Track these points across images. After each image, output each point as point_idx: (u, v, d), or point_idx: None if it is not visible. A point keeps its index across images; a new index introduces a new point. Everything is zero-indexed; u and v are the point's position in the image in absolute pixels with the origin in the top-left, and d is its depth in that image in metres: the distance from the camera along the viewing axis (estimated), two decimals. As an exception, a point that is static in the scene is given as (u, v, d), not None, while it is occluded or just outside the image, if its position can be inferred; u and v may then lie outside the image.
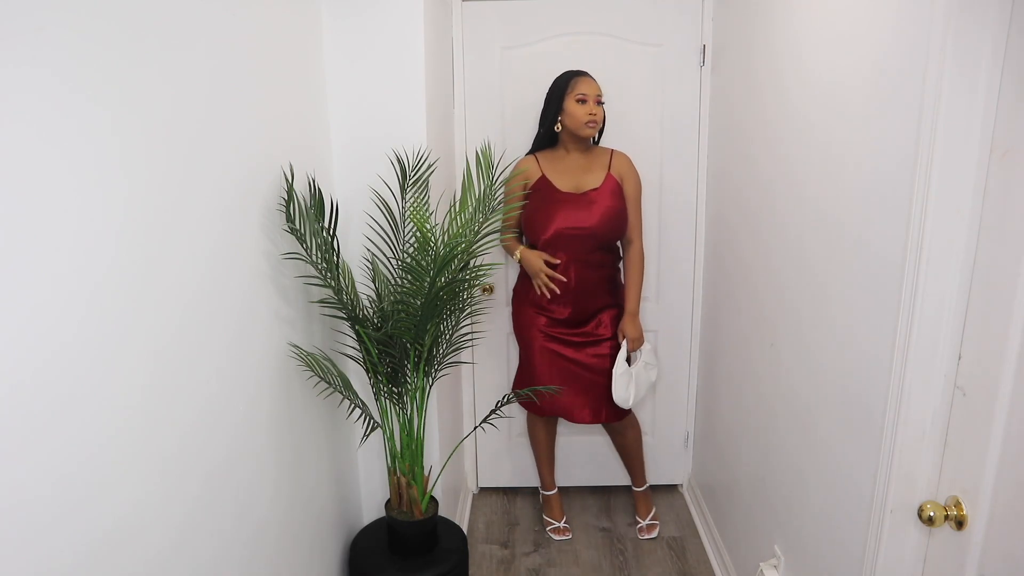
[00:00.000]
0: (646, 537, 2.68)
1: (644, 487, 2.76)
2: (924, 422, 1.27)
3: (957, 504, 1.20)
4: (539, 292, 2.36)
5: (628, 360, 2.42)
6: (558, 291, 2.34)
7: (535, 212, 2.35)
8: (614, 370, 2.38)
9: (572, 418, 2.50)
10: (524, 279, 2.50)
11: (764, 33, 2.02)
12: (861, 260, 1.44)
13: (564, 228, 2.32)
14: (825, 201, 1.61)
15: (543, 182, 2.35)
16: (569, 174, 2.37)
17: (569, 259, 2.35)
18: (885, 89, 1.34)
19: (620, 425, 2.58)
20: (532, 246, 2.41)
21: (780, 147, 1.89)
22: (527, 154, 2.46)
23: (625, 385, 2.39)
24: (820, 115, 1.63)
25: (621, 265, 2.53)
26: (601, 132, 2.43)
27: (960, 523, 1.19)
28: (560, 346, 2.45)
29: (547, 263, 2.34)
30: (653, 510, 2.76)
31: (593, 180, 2.37)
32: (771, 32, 1.96)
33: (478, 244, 1.81)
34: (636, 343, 2.40)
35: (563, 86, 2.31)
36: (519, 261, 2.39)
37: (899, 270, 1.27)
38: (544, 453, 2.72)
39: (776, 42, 1.92)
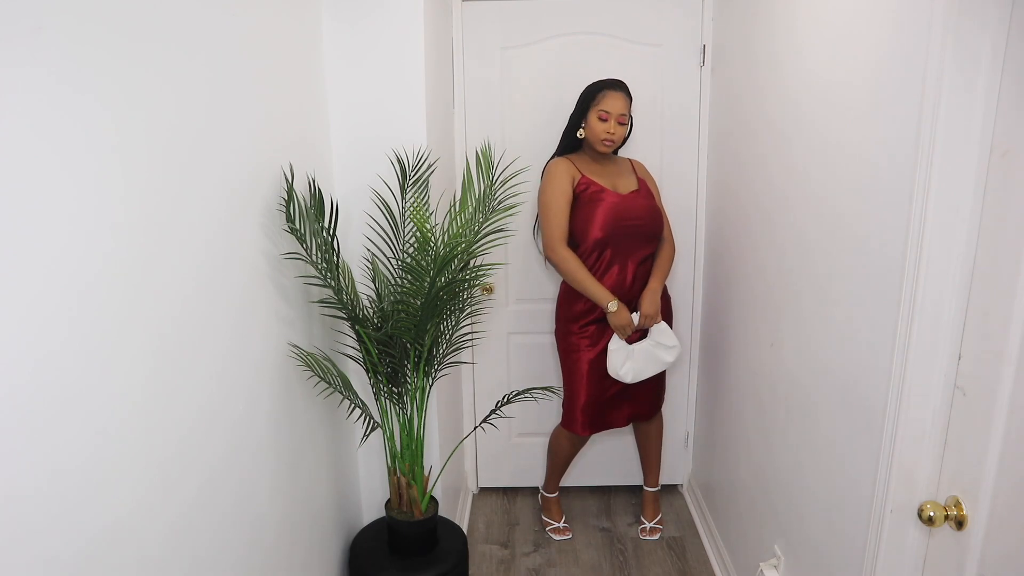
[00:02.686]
0: (647, 539, 2.68)
1: (656, 488, 2.76)
2: (924, 422, 1.27)
3: (957, 504, 1.20)
4: (621, 338, 2.35)
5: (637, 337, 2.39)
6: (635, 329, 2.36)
7: (584, 211, 2.33)
8: (609, 345, 2.37)
9: (613, 427, 2.54)
10: (567, 297, 2.45)
11: (764, 33, 2.02)
12: (862, 259, 1.44)
13: (620, 223, 2.31)
14: (825, 202, 1.61)
15: (587, 181, 2.34)
16: (606, 177, 2.37)
17: (621, 257, 2.35)
18: (885, 89, 1.34)
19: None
20: (579, 250, 2.37)
21: (780, 147, 1.89)
22: (554, 157, 2.42)
23: (621, 361, 2.36)
24: (820, 115, 1.63)
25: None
26: (624, 141, 2.42)
27: (960, 523, 1.19)
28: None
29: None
30: (660, 515, 2.76)
31: (629, 183, 2.40)
32: (771, 32, 1.96)
33: (478, 244, 1.81)
34: (648, 319, 2.35)
35: (590, 97, 2.31)
36: (611, 313, 2.30)
37: (899, 270, 1.27)
38: (563, 463, 2.70)
39: (776, 42, 1.92)
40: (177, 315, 1.17)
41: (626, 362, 2.36)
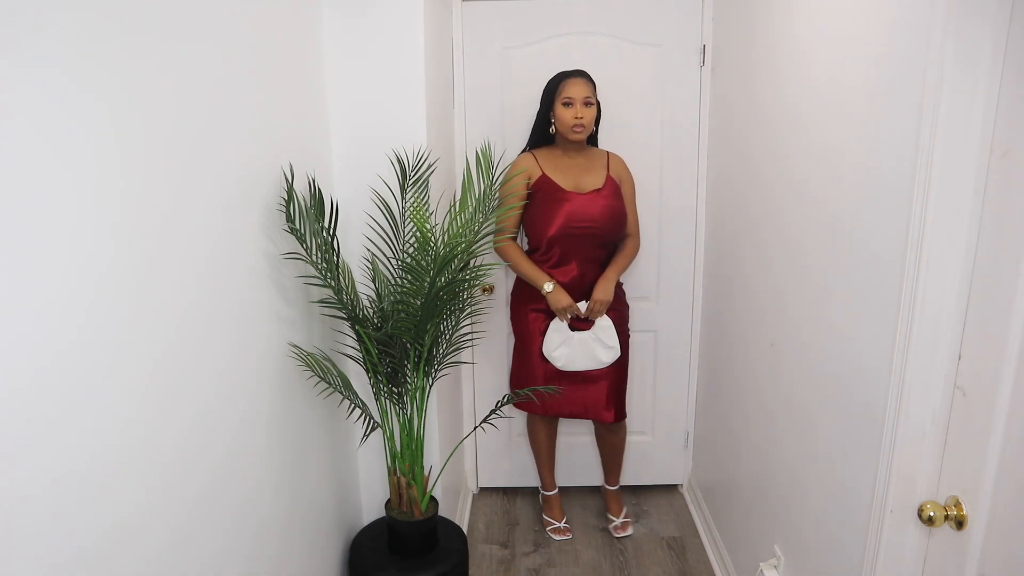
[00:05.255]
0: (622, 535, 2.70)
1: (617, 487, 2.79)
2: (924, 422, 1.27)
3: (957, 504, 1.20)
4: (562, 320, 2.38)
5: (579, 328, 2.40)
6: (581, 315, 2.37)
7: (539, 210, 2.35)
8: (551, 323, 2.39)
9: (573, 415, 2.54)
10: (520, 287, 2.51)
11: (764, 33, 2.02)
12: (861, 260, 1.44)
13: (570, 225, 2.32)
14: (825, 201, 1.61)
15: (544, 180, 2.35)
16: (570, 173, 2.37)
17: (572, 257, 2.36)
18: (885, 89, 1.34)
19: (616, 425, 2.58)
20: (534, 247, 2.41)
21: (780, 147, 1.89)
22: (524, 151, 2.45)
23: (556, 343, 2.39)
24: (820, 115, 1.63)
25: None
26: (596, 131, 2.44)
27: (960, 523, 1.19)
28: None
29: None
30: (625, 508, 2.79)
31: (594, 181, 2.38)
32: (771, 32, 1.96)
33: (478, 244, 1.81)
34: (598, 304, 2.35)
35: (552, 89, 2.33)
36: (548, 294, 2.33)
37: (899, 270, 1.27)
38: (544, 454, 2.73)
39: (776, 42, 1.92)
40: (180, 316, 1.17)
41: (561, 346, 2.38)
